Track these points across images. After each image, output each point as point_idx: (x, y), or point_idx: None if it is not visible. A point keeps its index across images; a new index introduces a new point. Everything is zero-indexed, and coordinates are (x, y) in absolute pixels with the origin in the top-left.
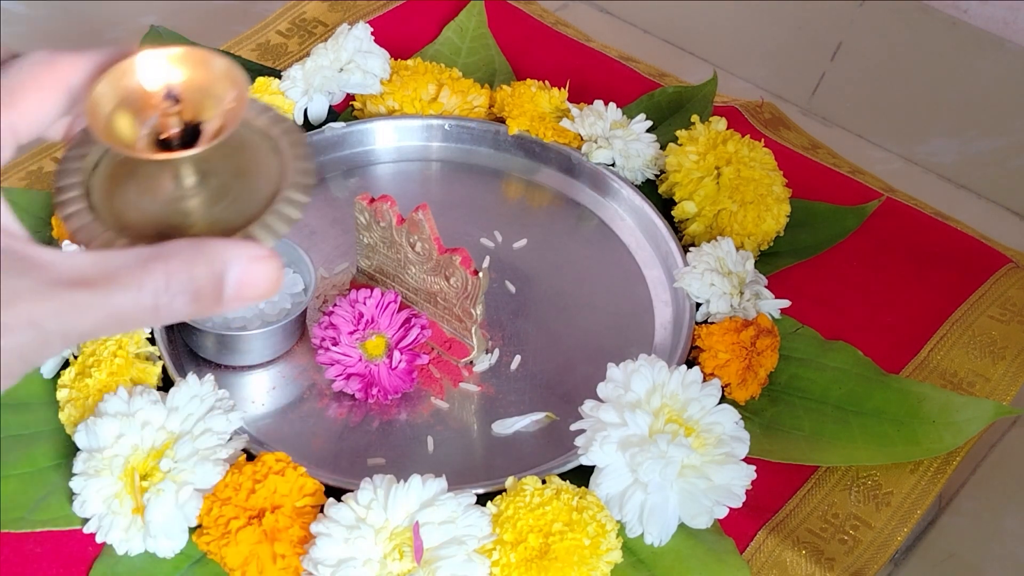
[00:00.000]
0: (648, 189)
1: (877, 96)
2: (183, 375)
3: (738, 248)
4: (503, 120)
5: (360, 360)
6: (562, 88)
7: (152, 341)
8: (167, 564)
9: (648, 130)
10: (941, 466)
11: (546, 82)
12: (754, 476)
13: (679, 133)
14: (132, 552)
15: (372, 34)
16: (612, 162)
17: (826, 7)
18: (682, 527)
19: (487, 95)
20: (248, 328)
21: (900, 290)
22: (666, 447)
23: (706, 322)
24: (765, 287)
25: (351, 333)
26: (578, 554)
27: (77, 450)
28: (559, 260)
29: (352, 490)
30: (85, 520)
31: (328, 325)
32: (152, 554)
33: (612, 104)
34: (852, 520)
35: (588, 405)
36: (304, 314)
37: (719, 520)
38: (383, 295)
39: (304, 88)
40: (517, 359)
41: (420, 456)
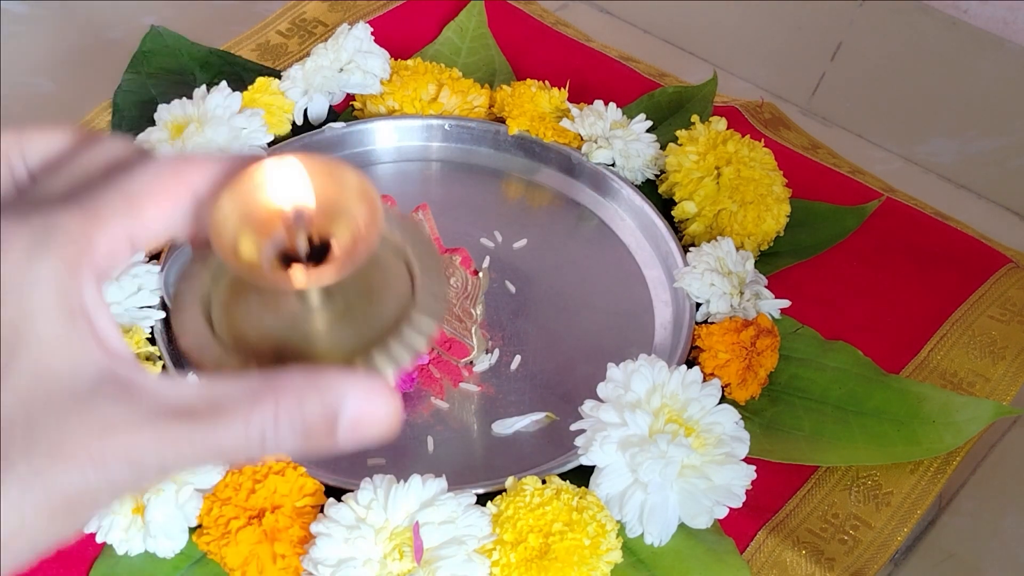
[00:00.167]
0: (648, 189)
1: (877, 96)
2: (183, 375)
3: (738, 248)
4: (503, 120)
5: None
6: (562, 88)
7: (152, 341)
8: (167, 564)
9: (648, 130)
10: (941, 466)
11: (546, 82)
12: (754, 476)
13: (679, 133)
14: (132, 552)
15: (372, 34)
16: (612, 162)
17: (826, 7)
18: (682, 527)
19: (487, 95)
20: None
21: (900, 290)
22: (666, 447)
23: (706, 322)
24: (765, 287)
25: None
26: (578, 554)
27: None
28: (559, 260)
29: (352, 490)
30: None
31: None
32: (152, 554)
33: (612, 104)
34: (852, 520)
35: (588, 405)
36: None
37: (719, 520)
38: None
39: (304, 88)
40: (517, 359)
41: (420, 456)
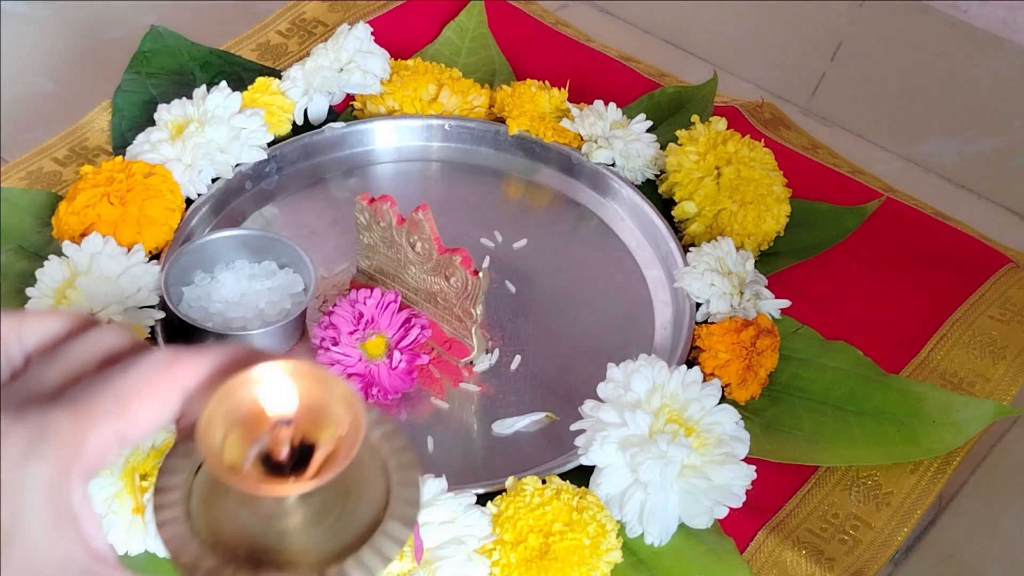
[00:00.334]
0: (648, 189)
1: (877, 96)
2: None
3: (738, 248)
4: (503, 120)
5: (360, 360)
6: (562, 88)
7: (152, 341)
8: (167, 564)
9: (648, 130)
10: (941, 466)
11: (546, 82)
12: (754, 476)
13: (679, 133)
14: (132, 552)
15: (372, 34)
16: (612, 162)
17: (826, 7)
18: (682, 527)
19: (487, 95)
20: (248, 328)
21: (900, 290)
22: (666, 447)
23: (706, 322)
24: (765, 287)
25: (351, 333)
26: (578, 554)
27: None
28: (559, 260)
29: None
30: None
31: (328, 325)
32: (152, 554)
33: (612, 104)
34: (852, 520)
35: (588, 405)
36: (304, 314)
37: (719, 520)
38: (383, 295)
39: (304, 88)
40: (517, 359)
41: (420, 456)
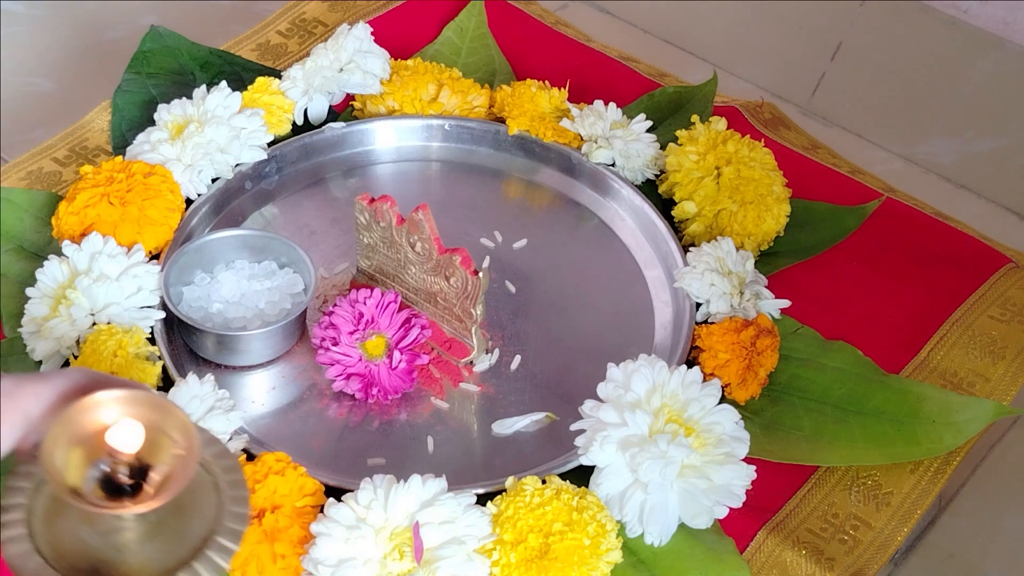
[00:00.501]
0: (648, 189)
1: (877, 96)
2: (183, 375)
3: (738, 248)
4: (503, 120)
5: (360, 360)
6: (562, 88)
7: (152, 341)
8: None
9: (648, 130)
10: (941, 466)
11: (546, 82)
12: (754, 476)
13: (679, 133)
14: None
15: (372, 34)
16: (612, 162)
17: (826, 7)
18: (682, 527)
19: (487, 95)
20: (248, 328)
21: (900, 290)
22: (666, 447)
23: (706, 322)
24: (765, 287)
25: (351, 333)
26: (578, 554)
27: None
28: (559, 260)
29: (352, 490)
30: None
31: (328, 325)
32: None
33: (612, 104)
34: (852, 520)
35: (588, 405)
36: (304, 314)
37: (719, 520)
38: (383, 295)
39: (304, 88)
40: (517, 359)
41: (420, 456)
